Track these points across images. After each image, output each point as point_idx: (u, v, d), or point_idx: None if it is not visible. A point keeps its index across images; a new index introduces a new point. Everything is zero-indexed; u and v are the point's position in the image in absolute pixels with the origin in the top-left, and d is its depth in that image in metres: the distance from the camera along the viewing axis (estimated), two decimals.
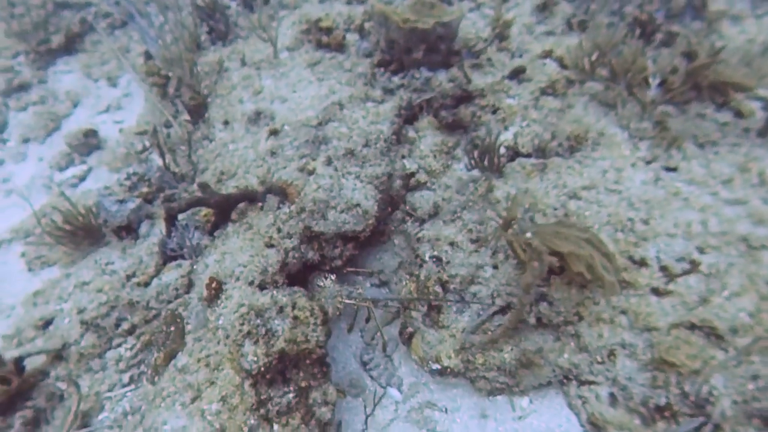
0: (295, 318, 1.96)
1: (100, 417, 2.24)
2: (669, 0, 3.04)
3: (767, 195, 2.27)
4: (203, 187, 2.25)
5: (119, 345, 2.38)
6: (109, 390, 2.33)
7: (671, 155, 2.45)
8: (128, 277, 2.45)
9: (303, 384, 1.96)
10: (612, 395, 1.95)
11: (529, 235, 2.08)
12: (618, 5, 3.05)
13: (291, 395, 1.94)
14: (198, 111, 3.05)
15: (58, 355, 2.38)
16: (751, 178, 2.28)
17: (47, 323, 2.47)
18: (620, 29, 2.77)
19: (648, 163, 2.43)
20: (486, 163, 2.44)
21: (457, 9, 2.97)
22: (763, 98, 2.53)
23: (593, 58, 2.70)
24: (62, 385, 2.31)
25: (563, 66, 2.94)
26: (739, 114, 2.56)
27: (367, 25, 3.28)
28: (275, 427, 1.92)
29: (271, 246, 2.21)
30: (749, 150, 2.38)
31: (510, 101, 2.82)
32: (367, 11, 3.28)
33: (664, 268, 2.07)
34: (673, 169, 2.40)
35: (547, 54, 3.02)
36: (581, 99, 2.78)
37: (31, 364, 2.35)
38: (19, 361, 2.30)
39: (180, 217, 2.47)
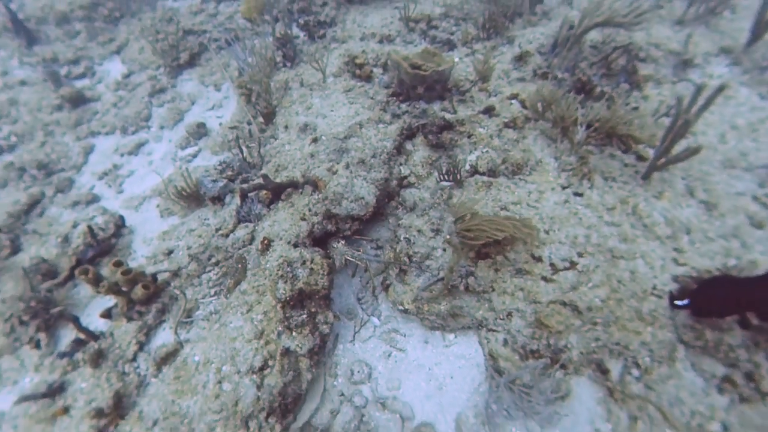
0: (311, 269, 2.09)
1: (197, 313, 2.39)
2: (609, 64, 2.95)
3: (635, 222, 2.25)
4: (265, 176, 2.41)
5: (209, 271, 2.52)
6: (203, 298, 2.47)
7: (582, 184, 2.44)
8: (216, 230, 2.62)
9: (312, 310, 2.08)
10: (505, 340, 2.05)
11: (448, 237, 2.24)
12: (572, 63, 2.98)
13: (304, 316, 2.04)
14: (269, 116, 3.11)
15: (176, 273, 2.59)
16: (627, 208, 2.29)
17: (170, 252, 2.66)
18: (560, 90, 2.69)
19: (564, 188, 2.44)
20: (450, 177, 2.50)
21: (450, 59, 2.94)
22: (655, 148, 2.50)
23: (542, 105, 2.68)
24: (177, 292, 2.44)
25: (524, 106, 2.91)
26: (640, 158, 2.55)
27: (389, 63, 3.27)
28: (293, 333, 2.01)
29: (304, 219, 2.33)
30: (633, 187, 2.39)
31: (481, 130, 2.80)
32: (389, 54, 3.23)
33: (552, 265, 2.13)
34: (580, 195, 2.40)
35: (514, 96, 2.98)
36: (533, 133, 2.76)
37: (161, 277, 2.54)
38: (154, 275, 2.51)
39: (249, 194, 2.58)
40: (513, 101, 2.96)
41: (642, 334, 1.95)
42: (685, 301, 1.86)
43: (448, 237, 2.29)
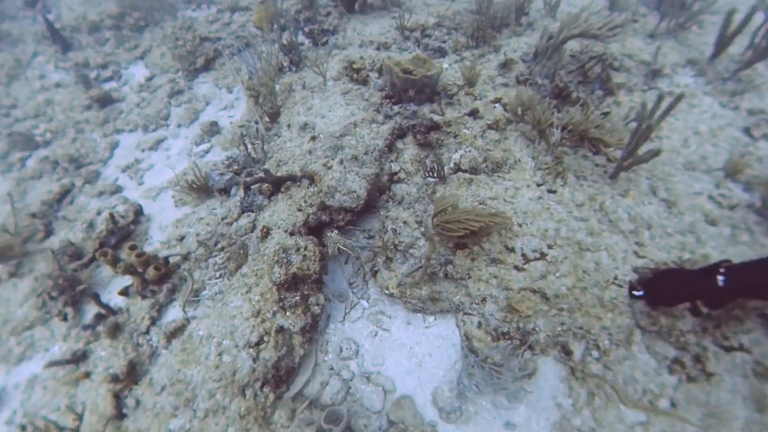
0: (305, 256, 2.09)
1: (203, 293, 2.38)
2: (585, 72, 2.89)
3: (601, 217, 2.22)
4: (266, 171, 2.38)
5: (215, 256, 2.51)
6: (209, 279, 2.45)
7: (556, 182, 2.40)
8: (222, 218, 2.62)
9: (305, 292, 2.08)
10: (479, 322, 2.05)
11: (423, 230, 2.24)
12: (552, 71, 2.92)
13: (297, 298, 2.04)
14: (273, 116, 3.08)
15: (185, 257, 2.57)
16: (595, 205, 2.25)
17: (182, 238, 2.67)
18: (537, 95, 2.64)
19: (538, 185, 2.40)
20: (435, 174, 2.46)
21: (438, 65, 2.87)
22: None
23: (522, 109, 2.63)
24: (186, 274, 2.45)
25: (506, 110, 2.85)
26: (609, 159, 2.51)
27: (383, 68, 3.21)
28: (287, 313, 2.01)
29: (300, 210, 2.30)
30: (601, 186, 2.35)
31: (466, 131, 2.74)
32: (384, 60, 3.18)
33: (524, 255, 2.11)
34: (553, 192, 2.36)
35: (498, 100, 2.92)
36: (514, 134, 2.70)
37: (172, 260, 2.56)
38: (166, 258, 2.53)
39: (252, 187, 2.57)
40: (496, 105, 2.90)
41: (603, 320, 1.94)
42: (641, 292, 1.85)
43: (423, 230, 2.27)
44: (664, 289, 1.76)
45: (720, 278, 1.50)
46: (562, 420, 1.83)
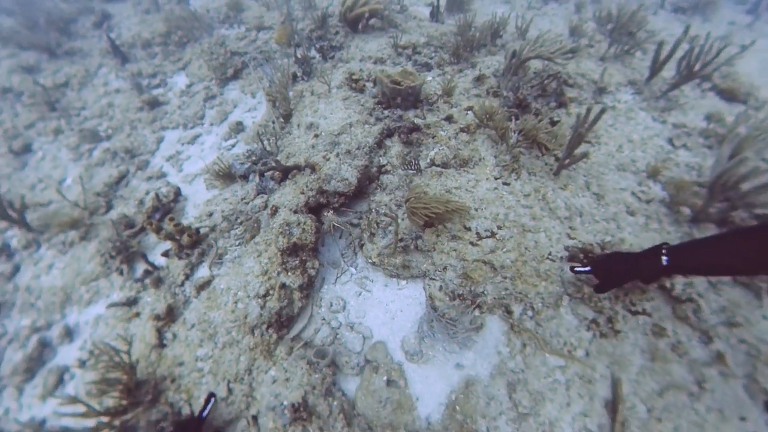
0: (303, 229, 2.15)
1: (225, 256, 2.39)
2: (544, 87, 2.89)
3: (543, 206, 2.24)
4: (277, 161, 2.44)
5: (235, 228, 2.50)
6: (230, 246, 2.45)
7: (510, 176, 2.43)
8: (241, 199, 2.64)
9: (303, 258, 2.14)
10: (441, 286, 2.08)
11: (388, 211, 2.25)
12: (516, 85, 2.91)
13: (297, 262, 2.10)
14: (287, 117, 3.11)
15: (212, 228, 2.55)
16: (539, 195, 2.28)
17: (210, 214, 2.67)
18: (498, 104, 2.67)
19: (496, 179, 2.43)
20: (413, 167, 2.53)
21: (422, 78, 2.89)
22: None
23: (486, 116, 2.66)
24: (212, 241, 2.46)
25: (475, 116, 2.84)
26: (556, 159, 2.54)
27: (377, 79, 3.22)
28: (288, 273, 2.06)
29: (302, 193, 2.36)
30: (546, 181, 2.37)
31: (442, 133, 2.77)
32: (377, 72, 3.18)
33: (478, 233, 2.15)
34: (507, 184, 2.40)
35: (470, 108, 2.94)
36: (482, 137, 2.72)
37: (202, 230, 2.56)
38: (197, 229, 2.53)
39: (265, 174, 2.61)
40: (468, 112, 2.92)
41: (538, 287, 1.99)
42: (587, 268, 1.81)
43: (387, 212, 2.29)
44: (612, 272, 1.71)
45: (663, 258, 1.47)
46: (501, 363, 1.90)
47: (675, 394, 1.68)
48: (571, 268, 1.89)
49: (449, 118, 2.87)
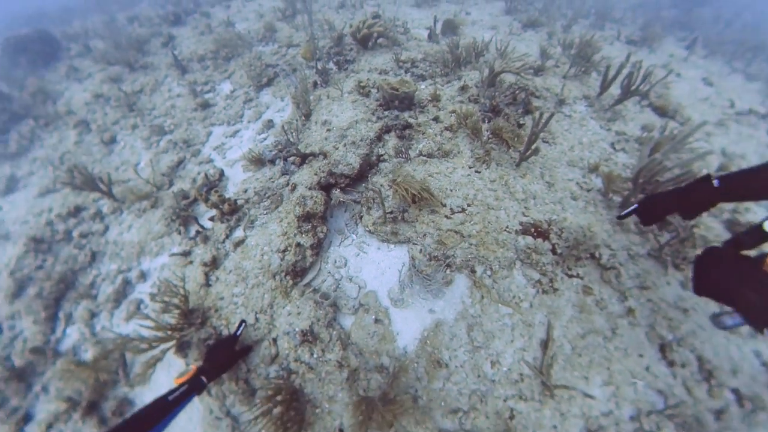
0: (315, 201, 2.18)
1: (256, 222, 2.37)
2: (514, 97, 2.82)
3: (505, 190, 2.22)
4: (297, 149, 2.46)
5: (264, 201, 2.47)
6: (259, 214, 2.34)
7: (482, 166, 2.40)
8: (269, 178, 2.64)
9: (314, 224, 2.18)
10: (421, 249, 2.07)
11: (378, 188, 2.18)
12: (492, 94, 2.84)
13: (309, 226, 2.14)
14: (307, 116, 3.10)
15: (247, 200, 2.54)
16: (502, 182, 2.26)
17: (245, 190, 2.63)
18: (475, 109, 2.62)
19: (470, 168, 2.41)
20: (404, 156, 2.51)
21: (416, 86, 2.83)
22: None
23: (464, 118, 2.62)
24: (246, 210, 2.48)
25: (457, 118, 2.78)
26: (535, 152, 2.45)
27: (379, 86, 3.17)
28: (303, 235, 2.09)
29: (316, 174, 2.37)
30: (509, 170, 2.34)
31: (430, 130, 2.73)
32: (380, 80, 3.12)
33: (451, 209, 2.15)
34: (478, 172, 2.38)
35: (453, 111, 2.86)
36: (462, 134, 2.67)
37: (239, 201, 2.53)
38: (235, 200, 2.50)
39: (288, 159, 2.61)
40: (452, 114, 2.87)
41: (496, 252, 2.00)
42: (633, 206, 1.46)
43: (372, 188, 2.25)
44: (657, 206, 1.38)
45: (714, 182, 1.18)
46: (463, 310, 1.93)
47: (593, 337, 1.72)
48: (618, 217, 1.55)
49: (436, 119, 2.83)
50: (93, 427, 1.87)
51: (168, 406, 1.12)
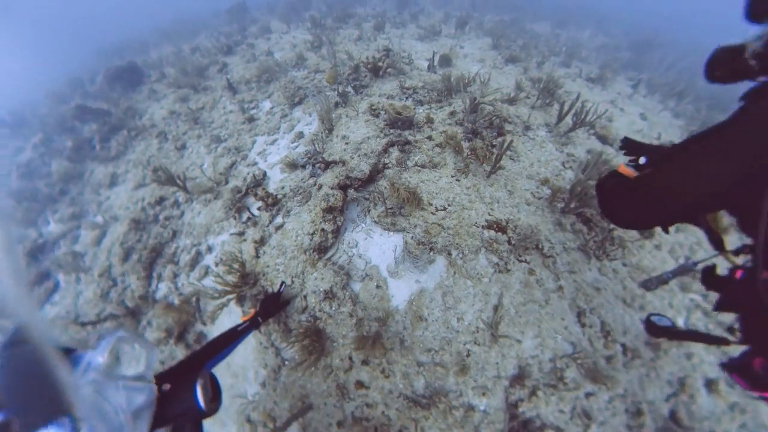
0: (335, 198, 2.26)
1: (291, 212, 2.36)
2: (491, 122, 2.86)
3: (476, 195, 2.30)
4: (322, 158, 2.53)
5: (297, 196, 2.48)
6: (294, 206, 2.46)
7: (461, 176, 2.47)
8: (301, 179, 2.63)
9: (334, 215, 2.23)
10: (412, 237, 2.14)
11: (385, 188, 2.22)
12: (474, 119, 2.88)
13: (331, 216, 2.19)
14: (330, 131, 3.12)
15: (284, 195, 2.53)
16: (475, 189, 2.32)
17: (283, 187, 2.61)
18: (459, 130, 2.67)
19: (452, 177, 2.46)
20: (401, 165, 2.55)
21: (413, 110, 2.88)
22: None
23: (449, 138, 2.66)
24: (284, 203, 2.45)
25: (445, 137, 2.80)
26: (501, 167, 2.50)
27: (386, 109, 3.11)
28: (326, 222, 2.13)
29: (336, 177, 2.43)
30: (481, 180, 2.41)
31: (424, 146, 2.76)
32: (387, 104, 3.10)
33: (436, 208, 2.23)
34: (458, 180, 2.44)
35: (443, 132, 2.89)
36: (449, 150, 2.70)
37: (279, 196, 2.55)
38: (276, 195, 2.52)
39: (315, 165, 2.67)
40: (442, 134, 2.91)
41: (467, 241, 2.10)
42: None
43: (375, 190, 2.32)
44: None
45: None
46: (441, 282, 1.96)
47: (531, 305, 1.91)
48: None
49: (430, 137, 2.88)
50: (182, 349, 2.16)
51: (237, 334, 1.36)
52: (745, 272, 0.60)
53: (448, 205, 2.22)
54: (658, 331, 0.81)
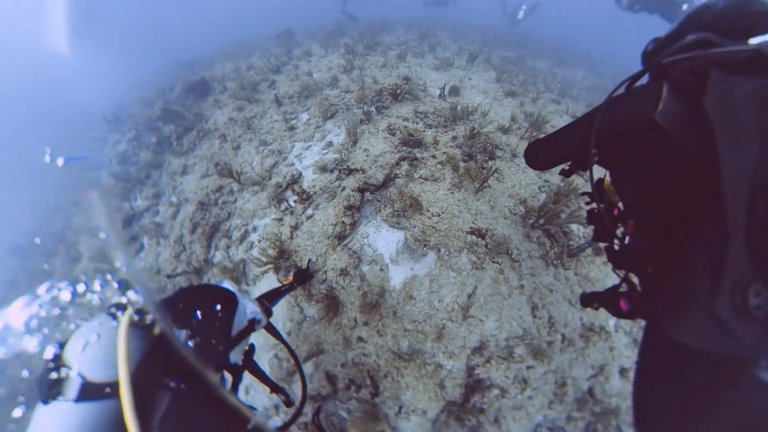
0: (354, 198, 2.41)
1: (319, 206, 2.45)
2: (485, 147, 2.98)
3: (465, 206, 2.32)
4: (347, 165, 2.72)
5: (325, 194, 2.51)
6: (322, 202, 2.51)
7: (455, 191, 2.56)
8: (329, 181, 2.72)
9: (353, 212, 2.37)
10: (411, 234, 2.24)
11: (394, 194, 2.36)
12: (471, 144, 3.00)
13: (350, 212, 2.30)
14: (354, 143, 3.23)
15: (314, 193, 2.70)
16: (465, 201, 2.37)
17: (314, 186, 2.69)
18: (458, 152, 2.81)
19: (448, 190, 2.52)
20: (410, 177, 2.71)
21: (423, 133, 3.01)
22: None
23: (449, 158, 2.79)
24: (315, 198, 2.51)
25: (446, 157, 2.91)
26: (488, 186, 2.61)
27: (401, 129, 3.18)
28: (345, 217, 2.22)
29: (357, 182, 2.60)
30: (470, 195, 2.45)
31: (429, 163, 2.86)
32: (403, 125, 3.16)
33: (432, 213, 2.29)
34: (453, 194, 2.52)
35: (445, 153, 2.96)
36: (448, 168, 2.78)
37: (311, 192, 2.65)
38: (308, 191, 2.61)
39: (341, 170, 2.80)
40: (444, 155, 3.01)
41: (453, 242, 2.23)
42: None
43: (385, 196, 2.46)
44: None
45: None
46: (430, 271, 1.96)
47: (497, 297, 2.09)
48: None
49: (434, 156, 3.00)
50: None
51: (281, 292, 1.68)
52: (600, 209, 0.75)
53: (442, 213, 2.28)
54: (586, 299, 0.86)
